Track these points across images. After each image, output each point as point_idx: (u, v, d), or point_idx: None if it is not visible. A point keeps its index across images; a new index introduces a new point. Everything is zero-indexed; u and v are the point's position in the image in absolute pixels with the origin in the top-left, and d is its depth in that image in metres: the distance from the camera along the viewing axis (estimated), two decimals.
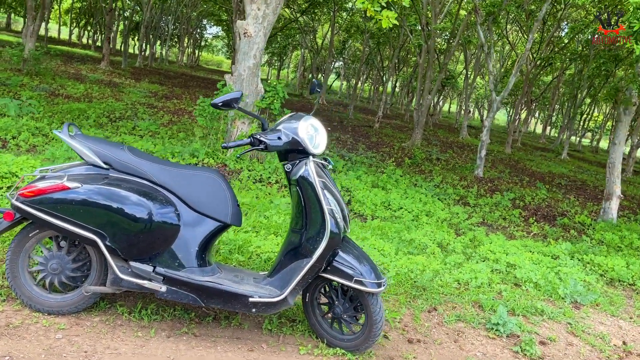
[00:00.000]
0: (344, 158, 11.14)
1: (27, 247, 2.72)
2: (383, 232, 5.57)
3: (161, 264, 2.70)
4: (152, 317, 2.92)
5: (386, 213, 6.92)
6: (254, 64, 7.49)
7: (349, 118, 21.94)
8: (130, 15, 26.84)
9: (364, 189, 7.58)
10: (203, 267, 2.79)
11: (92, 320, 2.79)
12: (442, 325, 3.55)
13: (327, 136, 2.94)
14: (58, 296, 2.77)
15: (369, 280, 2.78)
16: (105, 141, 2.83)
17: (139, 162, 2.73)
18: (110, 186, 2.60)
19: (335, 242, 2.76)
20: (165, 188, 2.74)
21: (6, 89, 10.91)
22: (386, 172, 9.27)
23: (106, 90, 14.88)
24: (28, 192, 2.58)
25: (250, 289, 2.76)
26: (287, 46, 36.41)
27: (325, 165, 2.93)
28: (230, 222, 2.83)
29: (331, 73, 38.97)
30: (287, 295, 2.74)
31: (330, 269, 2.83)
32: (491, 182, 11.75)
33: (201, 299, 2.69)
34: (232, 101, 2.66)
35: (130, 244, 2.63)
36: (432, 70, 15.66)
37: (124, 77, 20.17)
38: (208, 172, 2.87)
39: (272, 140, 2.74)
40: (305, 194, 2.77)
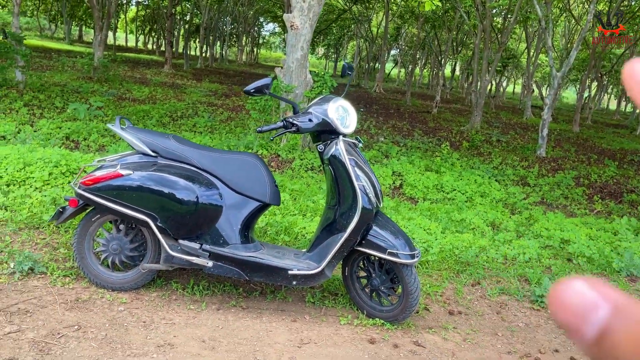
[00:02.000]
0: (399, 144, 11.16)
1: (91, 231, 3.04)
2: (432, 213, 5.62)
3: (207, 241, 2.93)
4: (204, 292, 3.17)
5: (438, 195, 6.93)
6: (301, 55, 7.67)
7: (406, 105, 21.77)
8: (190, 18, 27.81)
9: (416, 173, 7.61)
10: (246, 243, 3.01)
11: (150, 295, 3.07)
12: (485, 298, 3.60)
13: (357, 116, 3.06)
14: (120, 274, 3.07)
15: (402, 252, 2.90)
16: (154, 132, 3.10)
17: (183, 148, 2.98)
18: (159, 172, 2.86)
19: (368, 216, 2.89)
20: (208, 172, 2.97)
21: (79, 96, 11.71)
22: (440, 155, 9.21)
23: (169, 91, 15.59)
24: (88, 180, 2.88)
25: (290, 262, 2.94)
26: (342, 37, 36.45)
27: (356, 144, 3.05)
28: (269, 201, 3.03)
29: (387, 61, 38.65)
30: (324, 268, 2.90)
31: (364, 242, 2.97)
32: (554, 162, 11.38)
33: (245, 273, 2.91)
34: (264, 87, 2.84)
35: (179, 224, 2.88)
36: (489, 50, 15.28)
37: (185, 78, 21.00)
38: (246, 155, 3.08)
39: (304, 122, 2.90)
40: (337, 172, 2.91)
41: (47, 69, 17.55)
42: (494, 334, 3.15)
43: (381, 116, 16.93)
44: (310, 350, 2.72)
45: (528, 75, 22.22)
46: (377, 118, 15.93)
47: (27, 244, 3.45)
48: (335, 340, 2.86)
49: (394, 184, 7.20)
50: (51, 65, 18.42)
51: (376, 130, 13.34)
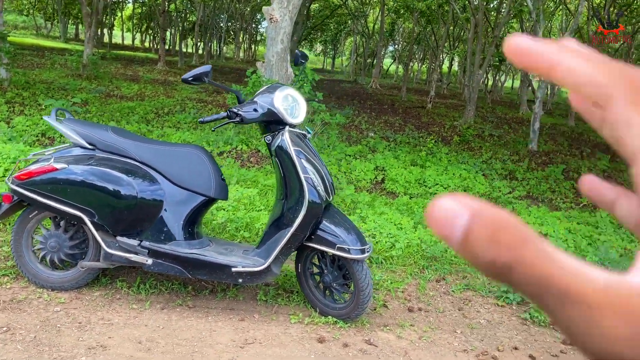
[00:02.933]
0: (388, 139, 11.03)
1: (29, 228, 2.91)
2: (409, 207, 5.48)
3: (148, 238, 2.81)
4: (150, 290, 3.05)
5: (419, 190, 6.80)
6: (281, 48, 7.53)
7: (402, 100, 21.62)
8: (184, 15, 27.65)
9: (400, 168, 7.48)
10: (190, 240, 2.88)
11: (92, 295, 2.95)
12: (449, 294, 3.47)
13: (306, 105, 2.93)
14: (60, 273, 2.95)
15: (352, 247, 2.77)
16: (93, 124, 2.97)
17: (121, 141, 2.85)
18: (95, 165, 2.73)
19: (316, 210, 2.77)
20: (148, 165, 2.84)
21: (65, 93, 11.59)
22: (425, 149, 9.08)
23: (159, 88, 15.46)
24: (22, 175, 2.76)
25: (235, 259, 2.82)
26: (339, 33, 36.27)
27: (305, 135, 2.92)
28: (214, 195, 2.90)
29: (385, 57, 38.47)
30: (270, 265, 2.78)
31: (314, 237, 2.84)
32: (546, 156, 11.25)
33: (187, 270, 2.78)
34: (203, 75, 2.71)
35: (116, 220, 2.75)
36: (481, 44, 15.12)
37: (179, 75, 20.84)
38: (191, 148, 2.95)
39: (248, 112, 2.77)
40: (284, 164, 2.79)
41: (38, 66, 17.43)
42: (453, 331, 3.02)
43: (374, 112, 16.78)
44: (253, 351, 2.60)
45: None
46: (369, 114, 15.78)
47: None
48: (282, 340, 2.73)
49: (376, 179, 7.07)
50: (42, 63, 18.30)
51: (367, 125, 13.20)
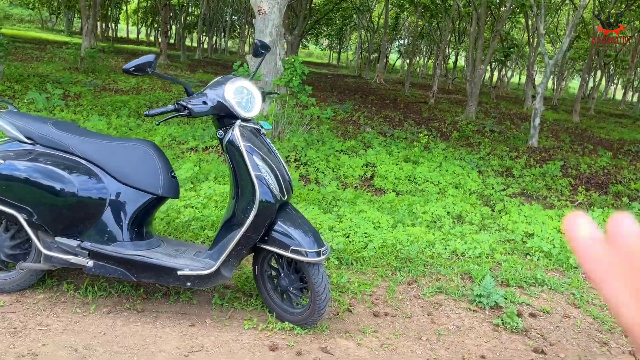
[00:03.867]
0: (385, 135, 10.83)
1: None
2: (393, 205, 5.30)
3: (90, 238, 2.65)
4: (99, 293, 2.89)
5: (409, 187, 6.61)
6: (270, 41, 7.35)
7: (404, 95, 21.37)
8: (187, 9, 27.49)
9: (390, 164, 7.29)
10: (137, 240, 2.72)
11: (35, 298, 2.80)
12: (419, 297, 3.29)
13: (261, 98, 2.75)
14: (1, 274, 2.80)
15: (307, 250, 2.60)
16: (34, 117, 2.81)
17: (61, 135, 2.68)
18: (32, 161, 2.58)
19: (268, 211, 2.59)
20: (90, 161, 2.67)
21: (59, 86, 11.47)
22: (418, 145, 8.87)
23: (157, 82, 15.32)
24: None
25: (182, 262, 2.65)
26: (344, 28, 35.99)
27: (259, 129, 2.74)
28: (162, 193, 2.73)
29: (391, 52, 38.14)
30: (218, 268, 2.61)
31: (268, 239, 2.67)
32: (545, 152, 11.00)
33: (131, 273, 2.62)
34: (146, 65, 2.53)
35: (55, 219, 2.60)
36: (483, 38, 14.85)
37: (180, 69, 20.72)
38: (138, 143, 2.78)
39: (197, 105, 2.60)
40: (234, 160, 2.62)
41: (37, 59, 17.36)
42: (418, 338, 2.84)
43: (375, 106, 16.59)
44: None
45: (529, 64, 21.72)
46: (370, 108, 15.59)
47: None
48: (231, 347, 2.57)
49: (365, 176, 6.88)
50: (41, 57, 18.24)
51: (366, 120, 13.02)
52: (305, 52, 56.17)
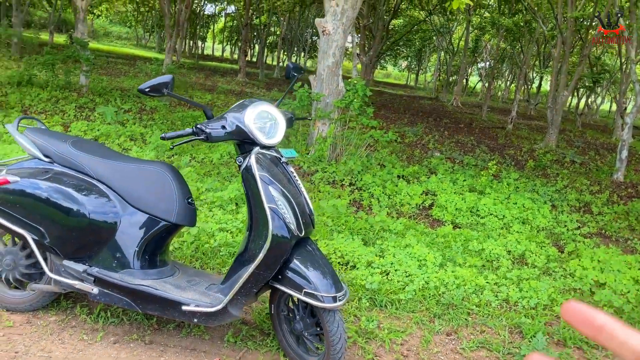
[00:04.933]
0: (454, 161, 10.35)
1: None
2: (446, 240, 4.91)
3: (98, 263, 2.54)
4: (110, 320, 2.78)
5: (470, 219, 6.17)
6: (333, 62, 7.20)
7: (481, 120, 20.58)
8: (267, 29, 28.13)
9: (452, 193, 6.86)
10: (148, 268, 2.58)
11: (47, 320, 2.72)
12: (457, 352, 2.93)
13: (285, 124, 2.55)
14: (16, 293, 2.75)
15: (322, 294, 2.34)
16: (55, 134, 2.76)
17: (77, 155, 2.60)
18: (46, 180, 2.51)
19: (282, 246, 2.37)
20: (104, 182, 2.57)
21: (137, 100, 11.94)
22: (484, 174, 8.35)
23: (232, 99, 15.63)
24: None
25: (190, 296, 2.47)
26: (423, 49, 35.52)
27: (279, 157, 2.53)
28: (176, 220, 2.58)
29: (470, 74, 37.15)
30: (226, 306, 2.41)
31: (281, 277, 2.44)
32: (632, 188, 10.05)
33: (136, 304, 2.47)
34: (162, 86, 2.39)
35: (64, 241, 2.51)
36: (567, 63, 13.99)
37: (256, 87, 21.14)
38: (157, 166, 2.65)
39: (215, 129, 2.44)
40: (249, 190, 2.42)
41: (124, 74, 18.31)
42: None
43: (448, 130, 16.04)
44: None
45: (620, 92, 20.29)
46: (442, 132, 15.08)
47: None
48: None
49: (423, 204, 6.51)
50: (129, 72, 19.21)
51: (435, 144, 12.56)
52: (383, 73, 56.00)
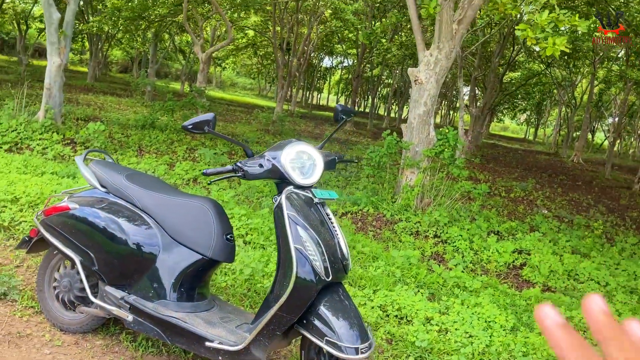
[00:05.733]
0: (562, 220, 9.59)
1: (52, 264, 2.96)
2: (529, 304, 4.49)
3: (137, 292, 2.62)
4: (150, 349, 2.84)
5: (565, 283, 5.61)
6: (424, 111, 7.10)
7: (603, 178, 19.00)
8: (378, 80, 28.62)
9: (549, 254, 6.30)
10: (185, 301, 2.62)
11: (93, 342, 2.84)
12: None
13: (323, 165, 2.51)
14: (70, 314, 2.91)
15: (344, 344, 2.21)
16: (116, 167, 2.95)
17: (128, 186, 2.75)
18: (100, 209, 2.68)
19: (307, 289, 2.29)
20: (148, 214, 2.68)
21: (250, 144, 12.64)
22: (591, 236, 7.57)
23: (335, 146, 15.96)
24: (46, 211, 2.83)
25: (217, 332, 2.46)
26: (543, 102, 34.01)
27: (312, 198, 2.48)
28: (212, 256, 2.61)
29: (595, 130, 34.73)
30: (249, 346, 2.36)
31: (306, 322, 2.35)
32: None
33: (166, 335, 2.50)
34: (204, 123, 2.48)
35: (108, 267, 2.63)
36: None
37: (363, 136, 21.42)
38: (200, 201, 2.72)
39: (252, 167, 2.46)
40: (278, 228, 2.39)
41: (239, 121, 19.47)
42: None
43: (563, 187, 14.99)
44: None
45: None
46: (555, 189, 14.11)
47: (21, 267, 3.53)
48: None
49: (513, 263, 6.05)
50: (243, 118, 20.40)
51: (544, 201, 11.77)
52: (500, 126, 54.18)
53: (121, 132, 10.66)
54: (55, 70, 8.24)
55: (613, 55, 22.77)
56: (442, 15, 6.81)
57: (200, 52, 11.99)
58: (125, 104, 16.88)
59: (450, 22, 6.85)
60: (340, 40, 26.99)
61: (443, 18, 6.84)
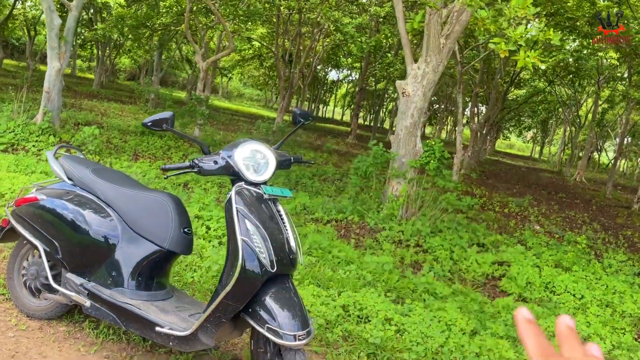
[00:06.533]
0: (553, 235, 9.64)
1: (22, 253, 3.10)
2: (497, 311, 4.57)
3: (96, 279, 2.75)
4: (110, 337, 2.96)
5: (541, 294, 5.68)
6: (411, 123, 7.23)
7: (604, 197, 18.98)
8: (383, 94, 28.81)
9: (529, 266, 6.37)
10: (143, 290, 2.74)
11: (56, 329, 2.97)
12: None
13: (275, 164, 2.64)
14: (37, 301, 3.04)
15: (283, 331, 2.33)
16: (84, 162, 3.09)
17: (93, 180, 2.89)
18: (66, 200, 2.82)
19: (251, 280, 2.41)
20: (110, 206, 2.82)
21: None
22: (572, 250, 7.63)
23: (334, 158, 16.11)
24: (16, 202, 2.98)
25: (168, 319, 2.58)
26: (548, 120, 34.08)
27: (262, 194, 2.60)
28: (168, 247, 2.74)
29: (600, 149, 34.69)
30: (195, 332, 2.47)
31: (251, 311, 2.47)
32: None
33: (120, 321, 2.63)
34: (162, 121, 2.62)
35: (69, 255, 2.77)
36: None
37: (364, 148, 21.55)
38: (160, 195, 2.86)
39: (207, 164, 2.60)
40: (227, 221, 2.53)
41: (240, 130, 19.68)
42: None
43: (560, 205, 15.02)
44: None
45: None
46: (551, 206, 14.15)
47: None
48: None
49: (493, 275, 6.14)
50: (244, 128, 20.61)
51: (538, 218, 11.81)
52: (506, 144, 54.21)
53: (119, 137, 10.86)
54: (54, 74, 8.46)
55: (618, 75, 22.86)
56: (429, 29, 6.97)
57: (201, 60, 12.23)
58: (129, 110, 17.14)
59: (438, 37, 7.01)
60: (346, 54, 27.26)
61: (431, 32, 6.99)
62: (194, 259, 4.09)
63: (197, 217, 5.14)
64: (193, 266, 3.96)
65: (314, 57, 23.07)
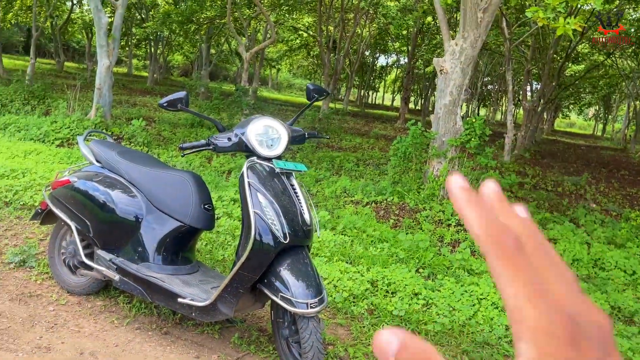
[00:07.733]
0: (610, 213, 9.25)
1: (61, 233, 3.30)
2: None
3: (124, 255, 2.90)
4: (142, 310, 3.11)
5: (589, 271, 5.49)
6: (450, 101, 7.09)
7: None
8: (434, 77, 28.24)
9: (575, 242, 6.15)
10: (168, 264, 2.87)
11: (93, 303, 3.16)
12: None
13: (287, 139, 2.69)
14: (75, 277, 3.24)
15: (296, 299, 2.38)
16: (112, 145, 3.25)
17: (118, 161, 3.04)
18: (95, 182, 2.98)
19: (264, 251, 2.48)
20: (135, 185, 2.96)
21: None
22: (624, 226, 7.28)
23: (381, 143, 16.01)
24: (53, 185, 3.17)
25: (190, 291, 2.69)
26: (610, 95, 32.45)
27: (273, 168, 2.65)
28: (189, 222, 2.85)
29: None
30: (215, 302, 2.57)
31: (267, 281, 2.54)
32: None
33: (147, 293, 2.77)
34: (177, 101, 2.73)
35: (99, 233, 2.93)
36: None
37: None
38: (182, 174, 2.97)
39: (222, 141, 2.69)
40: (241, 195, 2.60)
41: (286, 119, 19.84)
42: None
43: (622, 182, 14.36)
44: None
45: None
46: (611, 184, 13.54)
47: (45, 240, 3.91)
48: None
49: None
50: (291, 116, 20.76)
51: (596, 196, 11.35)
52: (565, 122, 52.02)
53: (169, 130, 11.23)
54: (104, 71, 8.84)
55: None
56: (466, 3, 6.79)
57: (244, 51, 12.41)
58: None
59: (476, 11, 6.82)
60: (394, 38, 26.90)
61: (467, 6, 6.81)
62: (227, 237, 4.22)
63: (233, 200, 5.28)
64: (225, 245, 4.08)
65: (360, 43, 22.91)
